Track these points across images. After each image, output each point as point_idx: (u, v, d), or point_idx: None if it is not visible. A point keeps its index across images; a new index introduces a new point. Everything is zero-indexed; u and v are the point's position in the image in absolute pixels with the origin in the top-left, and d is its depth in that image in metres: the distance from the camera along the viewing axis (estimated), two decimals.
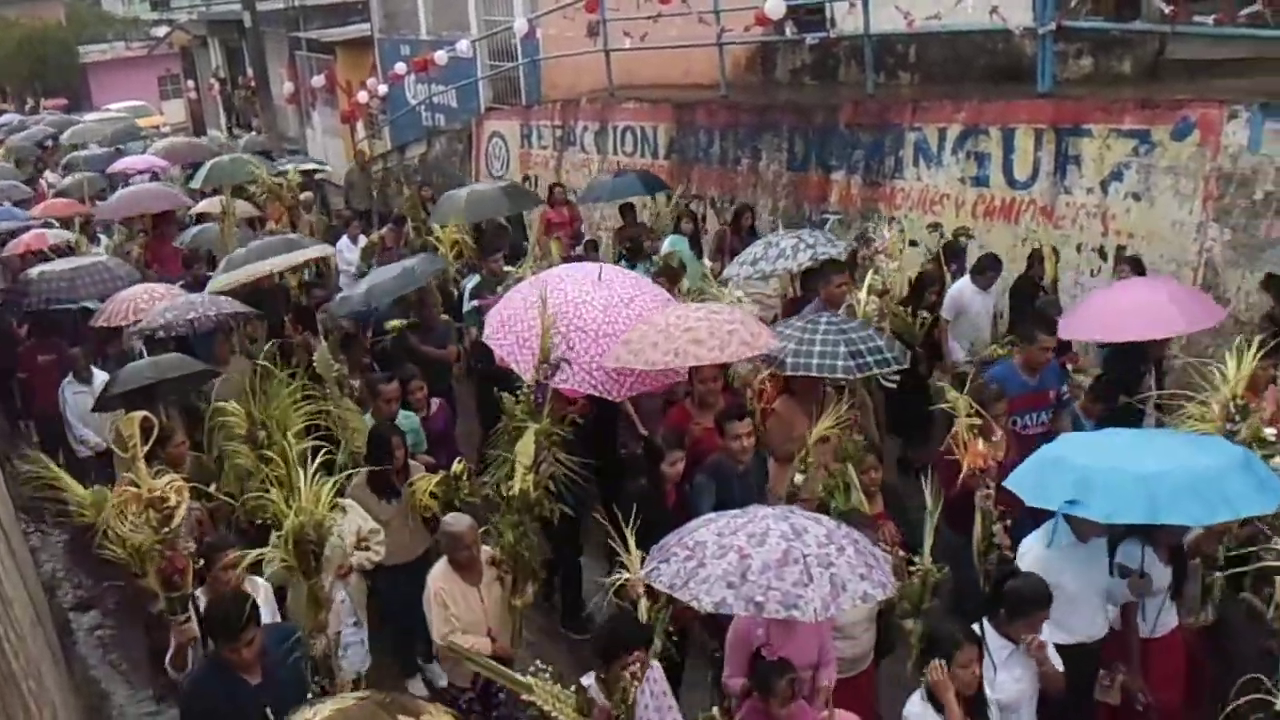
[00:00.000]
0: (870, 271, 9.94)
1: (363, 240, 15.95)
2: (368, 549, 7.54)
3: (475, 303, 12.13)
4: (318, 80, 28.58)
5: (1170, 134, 10.55)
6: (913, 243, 12.54)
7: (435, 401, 9.69)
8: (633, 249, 13.33)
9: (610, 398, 8.53)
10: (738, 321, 8.05)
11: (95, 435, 11.17)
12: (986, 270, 10.76)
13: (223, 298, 11.14)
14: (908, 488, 8.08)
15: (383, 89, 23.58)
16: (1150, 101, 10.91)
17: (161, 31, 53.91)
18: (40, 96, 54.55)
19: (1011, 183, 11.89)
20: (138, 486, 6.27)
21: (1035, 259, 11.08)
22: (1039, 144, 11.61)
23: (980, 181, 12.17)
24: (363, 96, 24.09)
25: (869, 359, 8.06)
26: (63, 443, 11.40)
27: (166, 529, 6.24)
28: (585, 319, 8.41)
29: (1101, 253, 11.06)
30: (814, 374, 8.04)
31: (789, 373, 8.11)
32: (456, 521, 6.91)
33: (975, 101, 12.41)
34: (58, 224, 16.86)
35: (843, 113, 13.76)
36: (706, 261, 12.81)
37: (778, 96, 15.42)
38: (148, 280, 13.14)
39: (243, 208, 16.83)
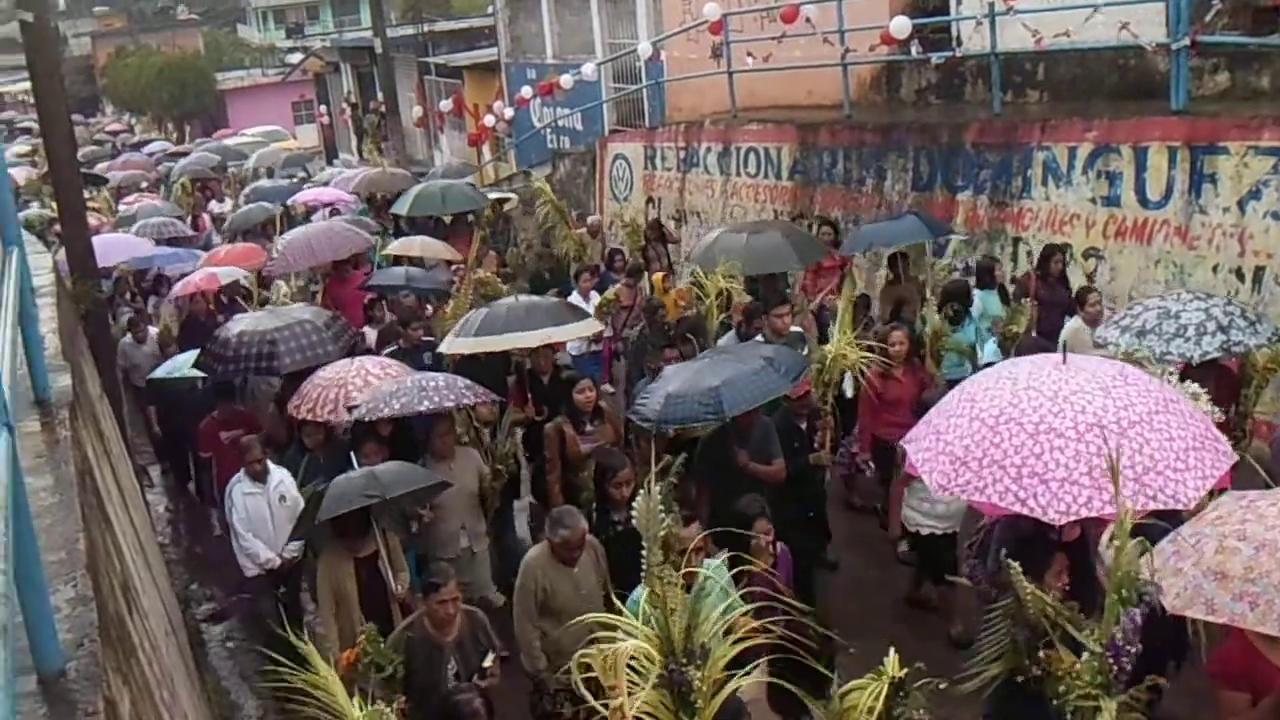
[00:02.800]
0: None
1: (595, 297, 13.46)
2: None
3: None
4: (446, 104, 29.15)
5: None
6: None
7: (780, 546, 7.17)
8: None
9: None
10: None
11: (267, 550, 9.19)
12: None
13: (462, 382, 8.96)
14: None
15: (509, 112, 23.91)
16: None
17: (296, 58, 55.52)
18: (181, 123, 56.50)
19: (1144, 202, 11.62)
20: None
21: None
22: (1173, 162, 11.34)
23: (1111, 201, 11.91)
24: (489, 120, 24.47)
25: None
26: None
27: None
28: (1098, 413, 5.59)
29: (1239, 274, 10.75)
30: None
31: None
32: None
33: (1106, 119, 12.17)
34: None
35: (969, 132, 13.60)
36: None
37: (902, 116, 15.30)
38: None
39: (437, 248, 15.79)
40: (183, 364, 12.29)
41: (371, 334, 12.74)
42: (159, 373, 12.70)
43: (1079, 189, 12.26)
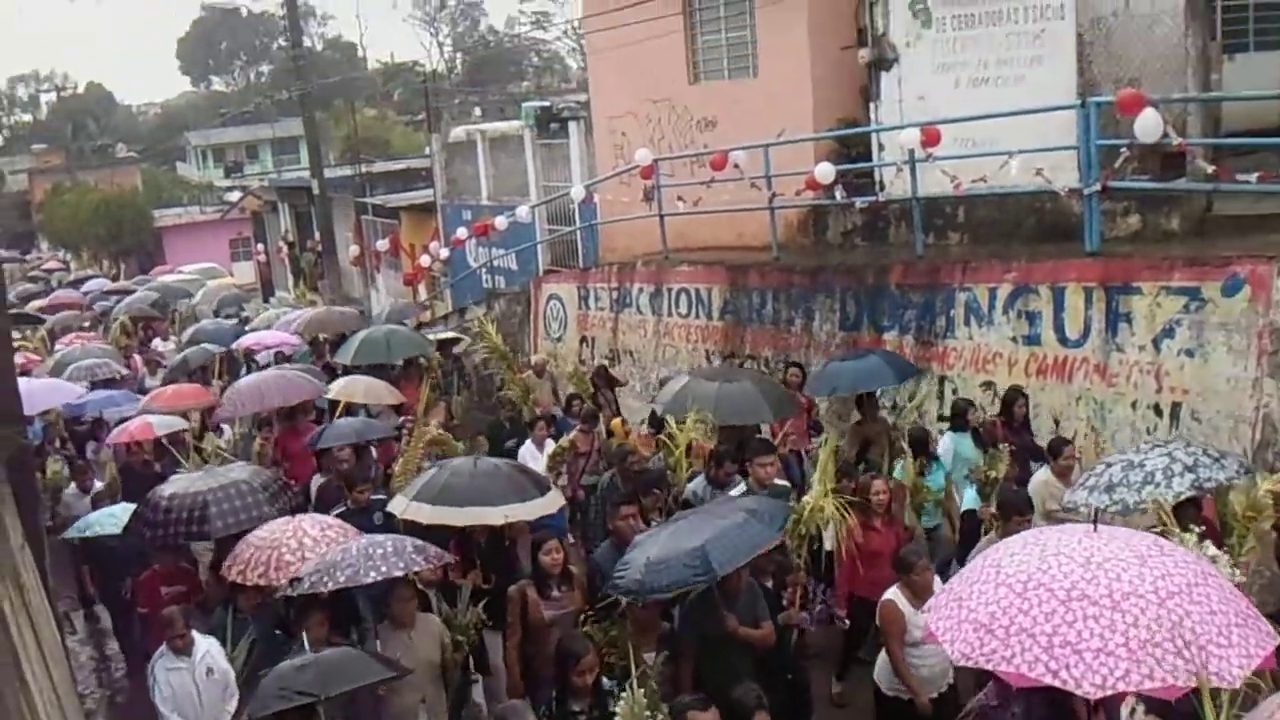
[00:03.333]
0: None
1: (550, 445, 13.29)
2: None
3: None
4: (382, 244, 29.34)
5: (1221, 290, 10.58)
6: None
7: None
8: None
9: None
10: None
11: None
12: None
13: (411, 545, 8.49)
14: None
15: (445, 252, 24.08)
16: (1199, 259, 10.97)
17: (234, 197, 55.80)
18: (118, 259, 56.31)
19: (1064, 341, 11.91)
20: None
21: None
22: (1089, 302, 11.66)
23: (1032, 340, 12.20)
24: (425, 260, 24.67)
25: None
26: None
27: None
28: (1134, 581, 5.27)
29: (1157, 410, 11.00)
30: None
31: None
32: None
33: (1024, 261, 12.52)
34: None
35: (893, 273, 13.90)
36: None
37: (829, 258, 15.61)
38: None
39: (380, 391, 15.33)
40: (94, 521, 11.92)
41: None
42: (71, 532, 12.26)
43: (1000, 328, 12.54)
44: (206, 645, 8.56)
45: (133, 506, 11.15)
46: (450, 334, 19.87)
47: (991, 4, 13.72)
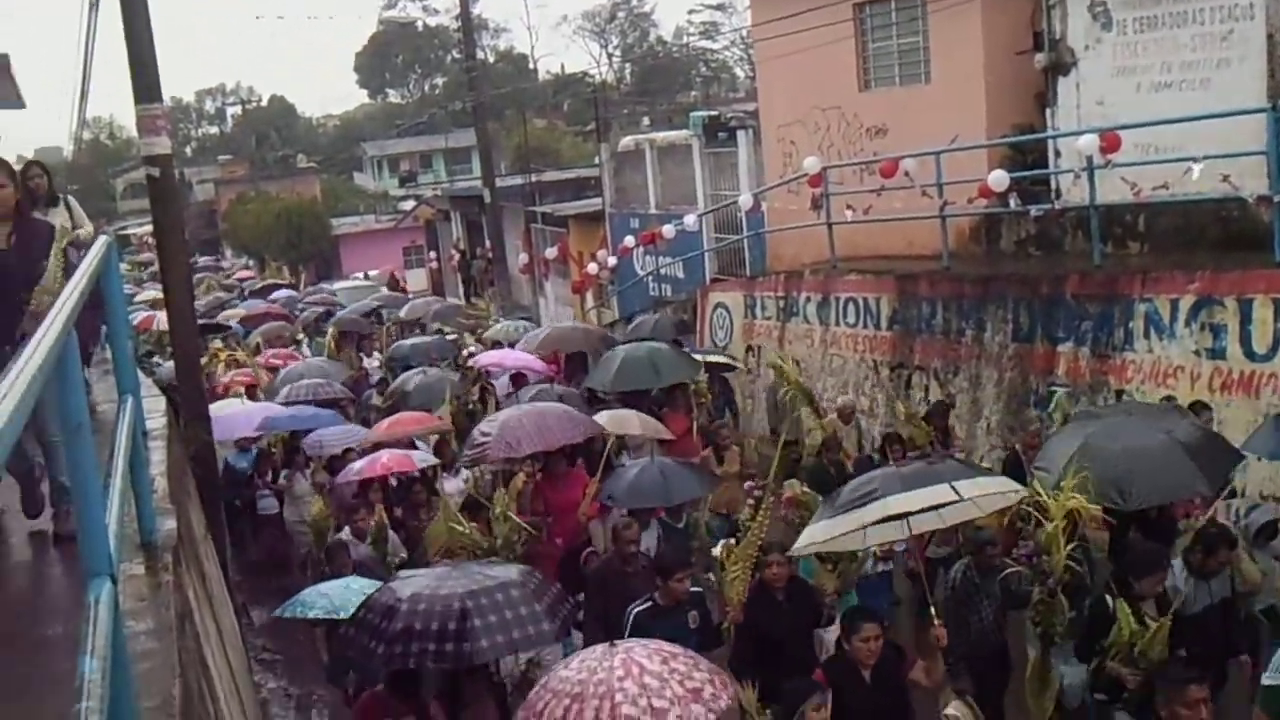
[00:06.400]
0: None
1: None
2: None
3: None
4: (551, 252, 29.79)
5: None
6: None
7: None
8: None
9: None
10: None
11: None
12: None
13: None
14: None
15: (612, 260, 24.34)
16: None
17: (408, 206, 57.15)
18: (296, 267, 58.15)
19: (1250, 355, 11.43)
20: None
21: None
22: (1279, 315, 11.18)
23: (1216, 354, 11.74)
24: (593, 268, 24.96)
25: None
26: None
27: None
28: None
29: None
30: None
31: None
32: None
33: (1209, 271, 12.05)
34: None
35: (1069, 283, 13.52)
36: None
37: (1002, 267, 15.29)
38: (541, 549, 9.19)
39: (656, 428, 13.18)
40: (303, 601, 9.63)
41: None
42: (283, 610, 9.91)
43: (1183, 341, 12.10)
44: None
45: (353, 585, 9.08)
46: (721, 358, 17.58)
47: (1176, 5, 13.29)
